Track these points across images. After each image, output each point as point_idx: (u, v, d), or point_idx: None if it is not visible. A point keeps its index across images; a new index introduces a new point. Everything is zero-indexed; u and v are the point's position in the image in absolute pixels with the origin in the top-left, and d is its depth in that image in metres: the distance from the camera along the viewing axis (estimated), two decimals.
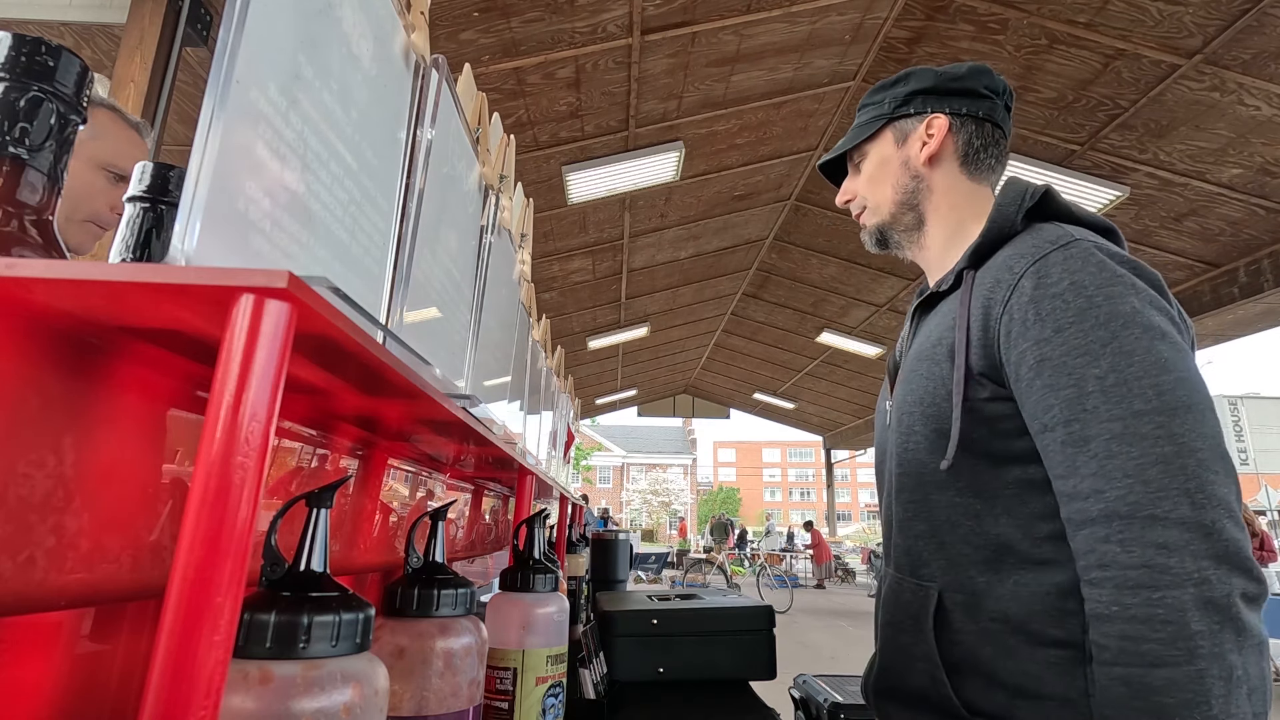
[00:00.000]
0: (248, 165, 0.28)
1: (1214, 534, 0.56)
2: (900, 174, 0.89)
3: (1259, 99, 4.69)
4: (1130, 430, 0.60)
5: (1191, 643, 0.54)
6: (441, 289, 0.54)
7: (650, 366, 14.06)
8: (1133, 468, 0.59)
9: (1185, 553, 0.55)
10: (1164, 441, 0.58)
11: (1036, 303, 0.67)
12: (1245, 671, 0.54)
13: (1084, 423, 0.62)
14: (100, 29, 3.33)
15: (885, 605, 0.84)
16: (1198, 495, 0.57)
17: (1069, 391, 0.63)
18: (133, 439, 0.35)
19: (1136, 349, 0.62)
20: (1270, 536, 6.47)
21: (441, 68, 0.50)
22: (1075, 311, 0.65)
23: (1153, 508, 0.57)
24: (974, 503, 0.73)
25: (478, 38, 4.13)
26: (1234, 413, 37.91)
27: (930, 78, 0.89)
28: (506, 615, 0.73)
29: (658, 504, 42.25)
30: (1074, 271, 0.67)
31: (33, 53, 0.35)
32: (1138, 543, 0.57)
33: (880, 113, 0.91)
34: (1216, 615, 0.54)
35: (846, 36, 5.11)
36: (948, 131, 0.87)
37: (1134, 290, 0.65)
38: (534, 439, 1.11)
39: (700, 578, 11.50)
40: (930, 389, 0.77)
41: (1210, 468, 0.58)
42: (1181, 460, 0.58)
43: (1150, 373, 0.61)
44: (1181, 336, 0.65)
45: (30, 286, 0.24)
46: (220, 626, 0.20)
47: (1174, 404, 0.60)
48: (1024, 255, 0.71)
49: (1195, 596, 0.55)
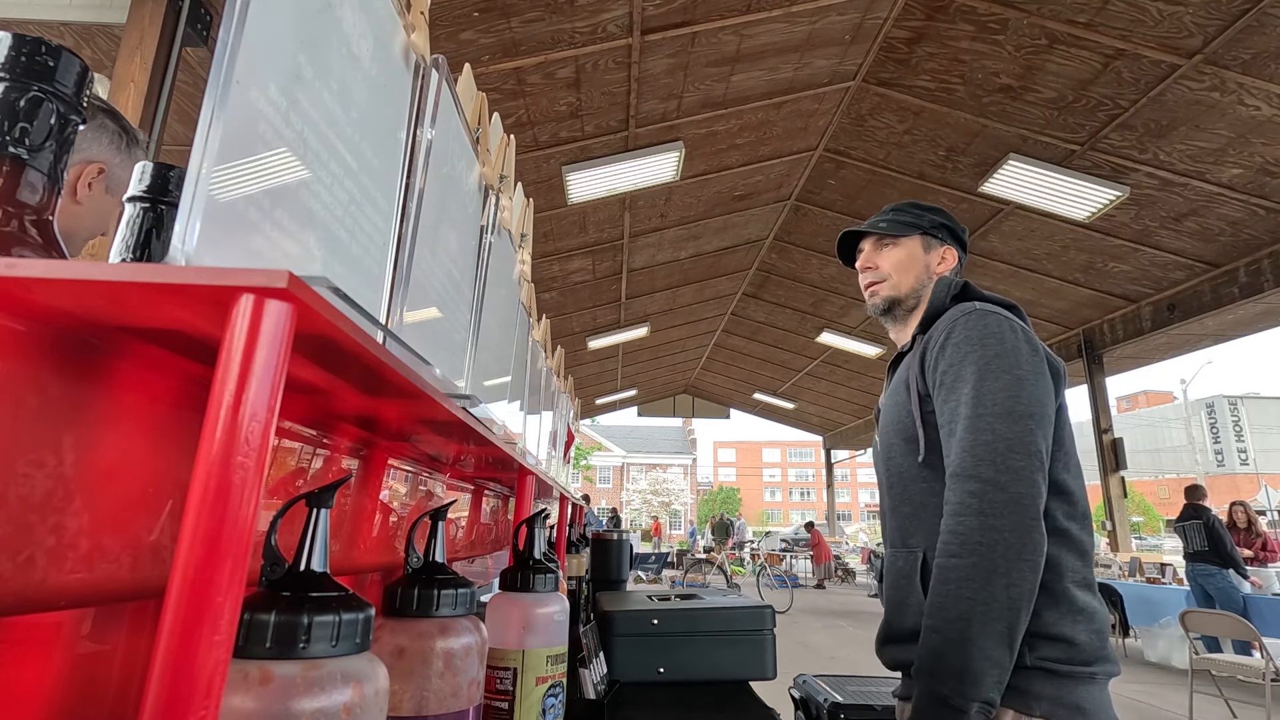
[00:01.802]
0: (248, 165, 0.28)
1: (1005, 488, 0.89)
2: (922, 273, 1.23)
3: (1259, 99, 4.69)
4: (974, 426, 0.94)
5: (973, 545, 0.89)
6: (441, 289, 0.54)
7: (650, 366, 14.06)
8: (968, 446, 0.94)
9: (984, 497, 0.90)
10: (987, 433, 0.93)
11: (944, 348, 1.04)
12: (1009, 570, 0.87)
13: (956, 422, 0.97)
14: (100, 29, 3.33)
15: (887, 574, 1.12)
16: (999, 464, 0.91)
17: (952, 403, 0.99)
18: (133, 439, 0.35)
19: (990, 377, 0.97)
20: (1271, 536, 6.47)
21: (441, 68, 0.50)
22: (964, 353, 1.01)
23: (972, 470, 0.92)
24: (936, 485, 1.03)
25: (478, 38, 4.13)
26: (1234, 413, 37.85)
27: (951, 222, 1.27)
28: (506, 615, 0.73)
29: (658, 504, 42.25)
30: (969, 328, 1.03)
31: (33, 53, 0.35)
32: (959, 490, 0.93)
33: (920, 224, 1.25)
34: (995, 535, 0.88)
35: (846, 36, 5.11)
36: (954, 262, 1.24)
37: (1001, 341, 1.00)
38: (534, 439, 1.11)
39: (700, 578, 11.49)
40: (899, 413, 1.12)
41: (1015, 450, 0.91)
42: (995, 444, 0.92)
43: (993, 392, 0.95)
44: (1033, 368, 0.98)
45: (30, 286, 0.24)
46: (220, 626, 0.20)
47: (1003, 412, 0.94)
48: (948, 320, 1.08)
49: (983, 525, 0.89)
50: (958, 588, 0.88)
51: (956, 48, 4.97)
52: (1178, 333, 7.71)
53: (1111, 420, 8.53)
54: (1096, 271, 7.34)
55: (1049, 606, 0.93)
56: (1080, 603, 0.95)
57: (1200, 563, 5.97)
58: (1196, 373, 31.11)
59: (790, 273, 9.63)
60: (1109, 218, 6.30)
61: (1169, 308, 7.32)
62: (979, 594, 0.86)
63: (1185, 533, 6.17)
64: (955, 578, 0.88)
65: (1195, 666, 4.46)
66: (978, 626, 0.85)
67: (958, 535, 0.90)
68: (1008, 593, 0.86)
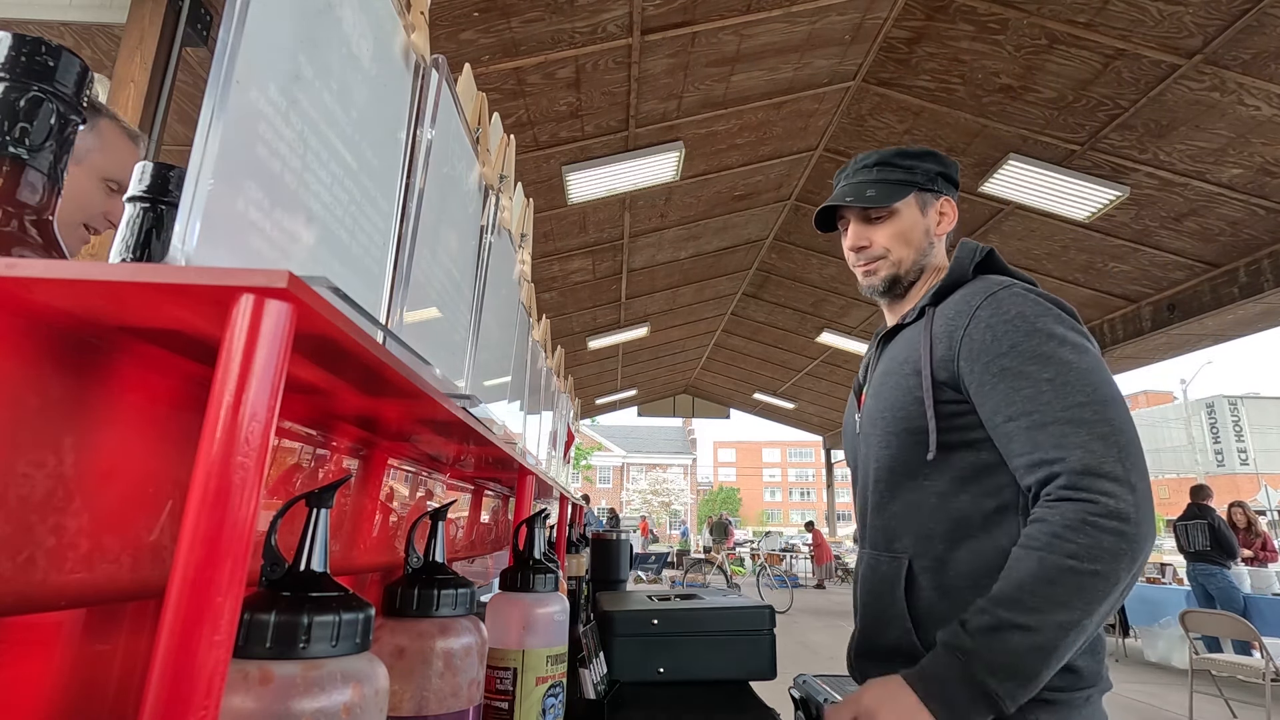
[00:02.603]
0: (248, 165, 0.28)
1: (1138, 491, 0.77)
2: (924, 239, 1.06)
3: (1259, 99, 4.69)
4: (1079, 416, 0.80)
5: (1102, 552, 0.75)
6: (441, 289, 0.54)
7: (650, 366, 14.06)
8: (1081, 441, 0.79)
9: (1121, 499, 0.76)
10: (1101, 424, 0.80)
11: (992, 327, 0.87)
12: (1123, 589, 0.76)
13: (1042, 413, 0.82)
14: (100, 29, 3.33)
15: (863, 580, 1.00)
16: (1127, 461, 0.78)
17: (1028, 390, 0.83)
18: (133, 439, 0.35)
19: (1071, 359, 0.83)
20: (1271, 537, 6.47)
21: (441, 68, 0.50)
22: (1023, 333, 0.85)
23: (1097, 467, 0.78)
24: (940, 484, 0.92)
25: (478, 38, 4.13)
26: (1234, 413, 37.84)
27: (945, 165, 1.08)
28: (506, 615, 0.73)
29: (658, 504, 42.26)
30: (1019, 304, 0.88)
31: (33, 53, 0.35)
32: (1092, 489, 0.77)
33: (912, 179, 1.05)
34: (1124, 546, 0.75)
35: (846, 36, 5.11)
36: (953, 214, 1.08)
37: (1060, 320, 0.87)
38: (534, 439, 1.11)
39: (700, 578, 11.49)
40: (899, 398, 0.96)
41: (1135, 443, 0.79)
42: (1115, 437, 0.79)
43: (1084, 376, 0.82)
44: (1097, 352, 0.86)
45: (30, 286, 0.24)
46: (220, 626, 0.20)
47: (1104, 398, 0.81)
48: (978, 294, 0.92)
49: (1118, 530, 0.75)
50: (1068, 594, 0.74)
51: (956, 48, 4.97)
52: (1178, 333, 7.70)
53: None
54: (1096, 271, 7.34)
55: None
56: None
57: (1202, 562, 5.98)
58: (1196, 373, 31.11)
59: (790, 273, 9.63)
60: (1109, 218, 6.30)
61: (1169, 308, 7.31)
62: (1089, 608, 0.74)
63: (1187, 532, 6.16)
64: (1072, 584, 0.74)
65: (1195, 666, 4.46)
66: (1071, 641, 0.75)
67: (1083, 532, 0.75)
68: (1109, 610, 0.76)
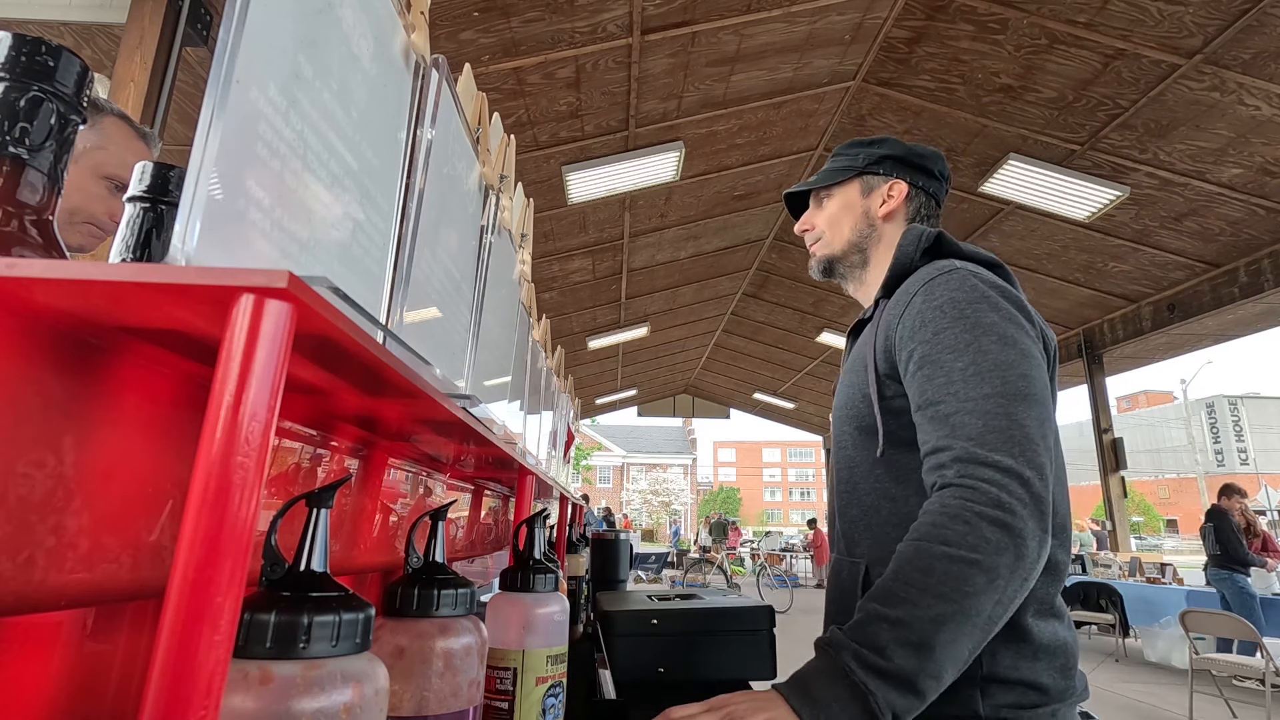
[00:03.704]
0: (248, 165, 0.28)
1: (1028, 483, 0.71)
2: (860, 221, 1.05)
3: (1259, 99, 4.69)
4: (982, 407, 0.75)
5: (978, 541, 0.69)
6: (441, 289, 0.54)
7: (650, 366, 14.06)
8: (975, 432, 0.74)
9: (1005, 489, 0.70)
10: (1001, 417, 0.75)
11: (922, 314, 0.84)
12: (1005, 586, 0.68)
13: (947, 403, 0.78)
14: (100, 29, 3.33)
15: (829, 584, 0.99)
16: (1018, 454, 0.72)
17: (940, 380, 0.79)
18: (133, 439, 0.35)
19: (990, 349, 0.79)
20: (1272, 536, 6.46)
21: (441, 68, 0.50)
22: (949, 319, 0.82)
23: (985, 456, 0.73)
24: (891, 487, 0.88)
25: (478, 37, 4.13)
26: (1234, 413, 37.84)
27: (902, 149, 1.06)
28: (506, 615, 0.73)
29: (658, 504, 42.26)
30: (952, 290, 0.84)
31: (33, 53, 0.35)
32: (970, 474, 0.72)
33: (853, 164, 1.06)
34: (1007, 539, 0.69)
35: (846, 36, 5.11)
36: (905, 197, 1.04)
37: (994, 306, 0.82)
38: (534, 439, 1.11)
39: (700, 578, 11.49)
40: (852, 395, 0.94)
41: (1035, 439, 0.74)
42: (1011, 431, 0.74)
43: (999, 369, 0.77)
44: (1032, 344, 0.82)
45: (30, 286, 0.24)
46: (220, 626, 0.20)
47: (1014, 392, 0.76)
48: (918, 280, 0.89)
49: (998, 519, 0.69)
50: (941, 582, 0.67)
51: (956, 47, 4.97)
52: (1178, 333, 7.71)
53: (1111, 420, 8.53)
54: (1096, 271, 7.34)
55: (1007, 644, 0.78)
56: (1044, 638, 0.79)
57: (1214, 567, 5.95)
58: (1196, 373, 31.11)
59: (790, 273, 9.62)
60: (1109, 217, 6.30)
61: (1169, 308, 7.31)
62: (967, 600, 0.67)
63: (1204, 536, 6.15)
64: (944, 570, 0.68)
65: (1195, 666, 4.46)
66: (948, 639, 0.66)
67: (959, 521, 0.69)
68: (992, 611, 0.68)
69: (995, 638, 0.74)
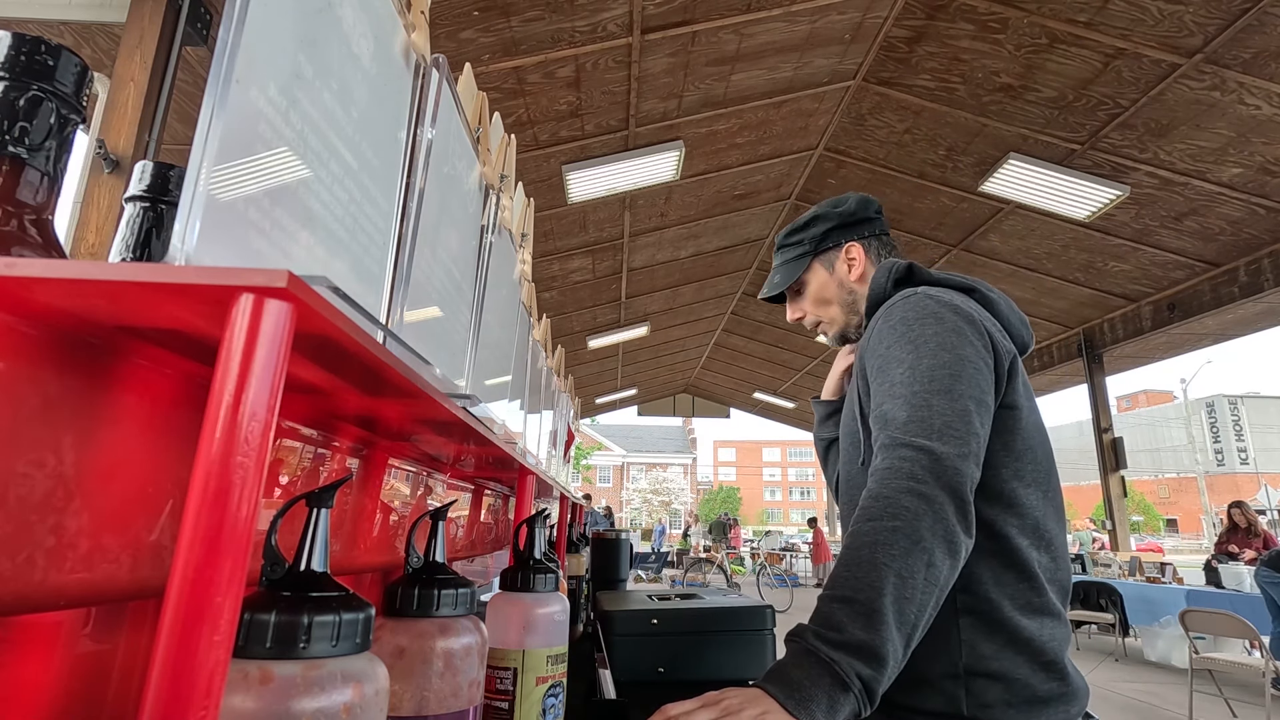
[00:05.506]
0: (248, 165, 0.28)
1: (940, 458, 0.79)
2: (840, 292, 1.16)
3: (1259, 98, 4.69)
4: (909, 402, 0.84)
5: (899, 509, 0.76)
6: (442, 289, 0.54)
7: (650, 366, 14.05)
8: (901, 422, 0.83)
9: (916, 463, 0.79)
10: (923, 409, 0.83)
11: (880, 333, 0.94)
12: (931, 548, 0.74)
13: (887, 403, 0.87)
14: (100, 28, 3.33)
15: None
16: (933, 435, 0.81)
17: (885, 387, 0.89)
18: (132, 439, 0.35)
19: (925, 355, 0.87)
20: (1273, 536, 6.46)
21: (442, 67, 0.50)
22: (897, 335, 0.91)
23: (903, 439, 0.81)
24: None
25: (478, 37, 4.13)
26: (1234, 412, 37.84)
27: (834, 215, 1.16)
28: (506, 615, 0.73)
29: (658, 503, 42.26)
30: (904, 311, 0.94)
31: (32, 52, 0.35)
32: (887, 457, 0.81)
33: (805, 250, 1.17)
34: (923, 505, 0.76)
35: (846, 36, 5.10)
36: (864, 252, 1.15)
37: (939, 322, 0.91)
38: (534, 439, 1.11)
39: (700, 577, 11.49)
40: (848, 411, 1.05)
41: (953, 425, 0.82)
42: (932, 420, 0.82)
43: (931, 370, 0.86)
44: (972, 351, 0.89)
45: (30, 286, 0.24)
46: (220, 626, 0.20)
47: (940, 388, 0.84)
48: (885, 306, 0.99)
49: (911, 489, 0.77)
50: (873, 553, 0.73)
51: (957, 47, 4.97)
52: (1178, 332, 7.71)
53: (1111, 420, 8.53)
54: (1096, 271, 7.34)
55: (984, 636, 0.82)
56: (1025, 631, 0.82)
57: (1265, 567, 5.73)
58: (1196, 372, 31.11)
59: None
60: (1109, 217, 6.30)
61: (1169, 307, 7.31)
62: (897, 563, 0.72)
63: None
64: (872, 541, 0.74)
65: (1195, 666, 4.46)
66: (889, 601, 0.70)
67: (880, 499, 0.77)
68: (926, 573, 0.72)
69: (975, 631, 0.83)
